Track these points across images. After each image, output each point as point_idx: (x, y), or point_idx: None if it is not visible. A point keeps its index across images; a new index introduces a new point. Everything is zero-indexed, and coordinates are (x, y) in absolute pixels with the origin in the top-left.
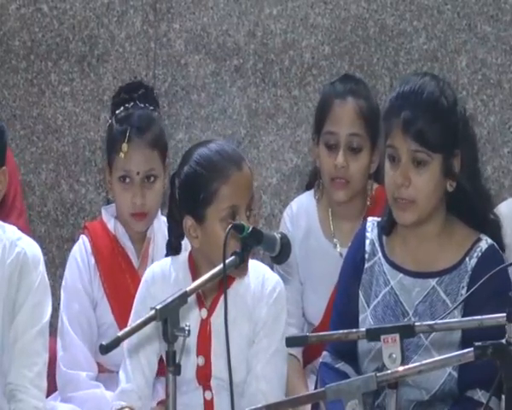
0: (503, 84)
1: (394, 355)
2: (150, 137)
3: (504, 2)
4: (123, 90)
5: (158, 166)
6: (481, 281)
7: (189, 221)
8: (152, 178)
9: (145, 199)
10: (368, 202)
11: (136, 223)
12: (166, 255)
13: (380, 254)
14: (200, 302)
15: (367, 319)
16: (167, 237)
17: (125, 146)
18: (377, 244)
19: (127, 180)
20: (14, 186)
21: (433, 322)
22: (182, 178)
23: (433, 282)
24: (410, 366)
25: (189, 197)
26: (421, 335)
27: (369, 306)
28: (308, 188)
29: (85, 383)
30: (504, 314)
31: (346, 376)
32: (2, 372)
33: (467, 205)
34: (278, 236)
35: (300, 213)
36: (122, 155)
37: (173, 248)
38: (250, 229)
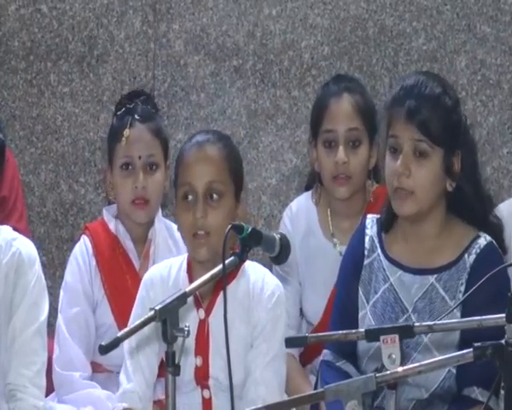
0: (502, 84)
1: (394, 356)
2: (152, 125)
3: (504, 2)
4: (124, 97)
5: (159, 154)
6: (481, 281)
7: (174, 204)
8: (154, 167)
9: (147, 183)
10: (369, 199)
11: (137, 212)
12: None
13: (379, 250)
14: (198, 303)
15: (366, 316)
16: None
17: (127, 131)
18: (376, 241)
19: (129, 168)
20: (16, 188)
21: (432, 323)
22: None
23: (431, 278)
24: (410, 366)
25: None
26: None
27: (368, 302)
28: (307, 189)
29: (79, 384)
30: (504, 315)
31: (347, 375)
32: (2, 373)
33: (467, 207)
34: (277, 236)
35: (300, 214)
36: (124, 140)
37: None
38: (249, 229)
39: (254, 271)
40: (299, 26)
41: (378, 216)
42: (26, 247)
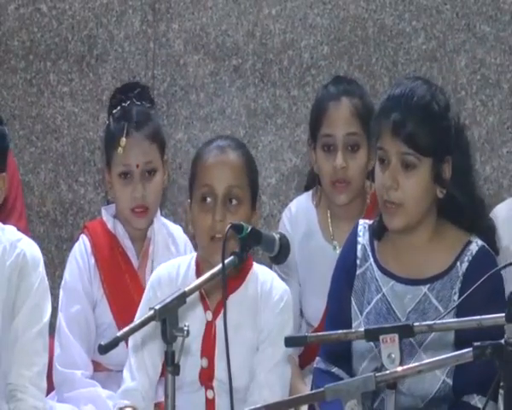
0: (501, 84)
1: (393, 355)
2: (148, 130)
3: (503, 2)
4: (119, 91)
5: (157, 159)
6: (474, 287)
7: (186, 203)
8: (152, 172)
9: (145, 191)
10: (368, 202)
11: (137, 219)
12: None
13: (371, 259)
14: (205, 304)
15: (360, 327)
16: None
17: (123, 140)
18: (369, 249)
19: (127, 176)
20: (15, 188)
21: (432, 322)
22: None
23: (424, 288)
24: (410, 366)
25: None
26: (414, 342)
27: (361, 313)
28: (307, 189)
29: (81, 382)
30: (503, 314)
31: (340, 379)
32: (3, 373)
33: (458, 212)
34: (277, 236)
35: (299, 215)
36: (121, 149)
37: None
38: (249, 229)
39: (263, 275)
40: (299, 25)
41: (370, 222)
42: (31, 248)
